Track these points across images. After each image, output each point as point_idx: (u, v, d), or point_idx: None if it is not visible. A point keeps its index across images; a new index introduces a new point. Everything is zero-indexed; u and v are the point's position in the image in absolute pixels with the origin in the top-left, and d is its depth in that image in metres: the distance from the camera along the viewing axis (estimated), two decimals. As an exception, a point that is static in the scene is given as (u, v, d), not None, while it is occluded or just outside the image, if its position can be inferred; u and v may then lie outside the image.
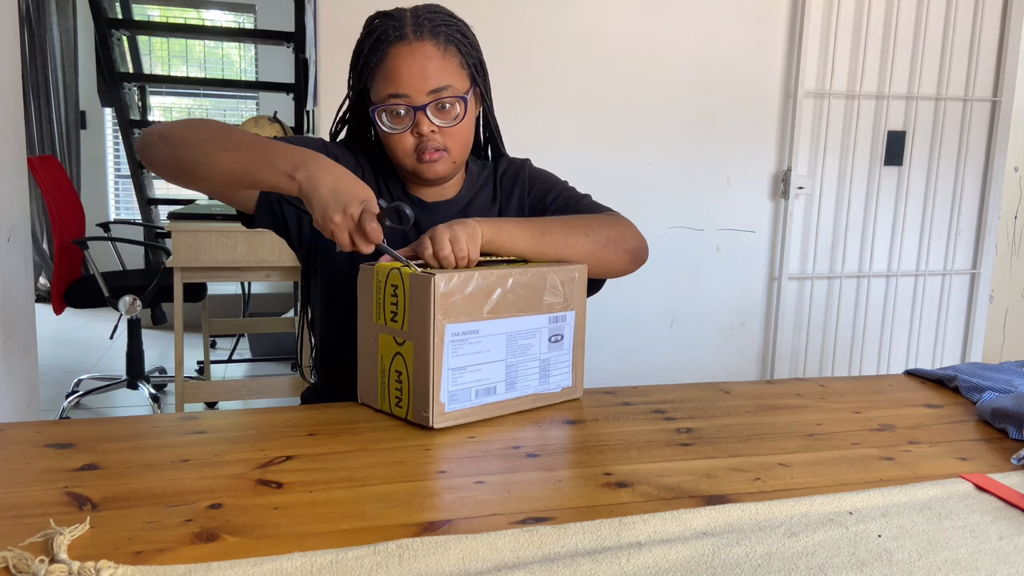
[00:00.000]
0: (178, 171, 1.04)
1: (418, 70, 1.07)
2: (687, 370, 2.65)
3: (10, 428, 0.92)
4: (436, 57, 1.08)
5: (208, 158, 1.00)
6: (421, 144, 1.11)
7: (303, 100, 3.74)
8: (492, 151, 1.30)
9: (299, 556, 0.64)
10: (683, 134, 2.52)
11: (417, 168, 1.13)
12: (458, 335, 0.95)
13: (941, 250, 2.81)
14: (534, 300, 1.01)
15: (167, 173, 1.06)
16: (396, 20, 1.10)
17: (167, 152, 1.04)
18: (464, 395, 0.97)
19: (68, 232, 3.18)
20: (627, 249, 1.15)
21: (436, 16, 1.11)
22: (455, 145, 1.13)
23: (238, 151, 0.99)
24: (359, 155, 1.22)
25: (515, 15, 2.33)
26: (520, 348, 1.01)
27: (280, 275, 2.78)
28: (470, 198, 1.24)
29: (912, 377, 1.29)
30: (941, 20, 2.66)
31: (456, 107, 1.11)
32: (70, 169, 5.35)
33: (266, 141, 1.02)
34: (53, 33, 5.16)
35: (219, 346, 4.44)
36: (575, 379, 1.09)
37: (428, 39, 1.08)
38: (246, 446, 0.88)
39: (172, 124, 1.06)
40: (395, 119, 1.11)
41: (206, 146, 1.01)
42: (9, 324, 1.95)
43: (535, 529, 0.70)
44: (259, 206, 1.14)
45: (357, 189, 0.93)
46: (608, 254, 1.13)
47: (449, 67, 1.10)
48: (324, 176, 0.94)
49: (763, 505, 0.76)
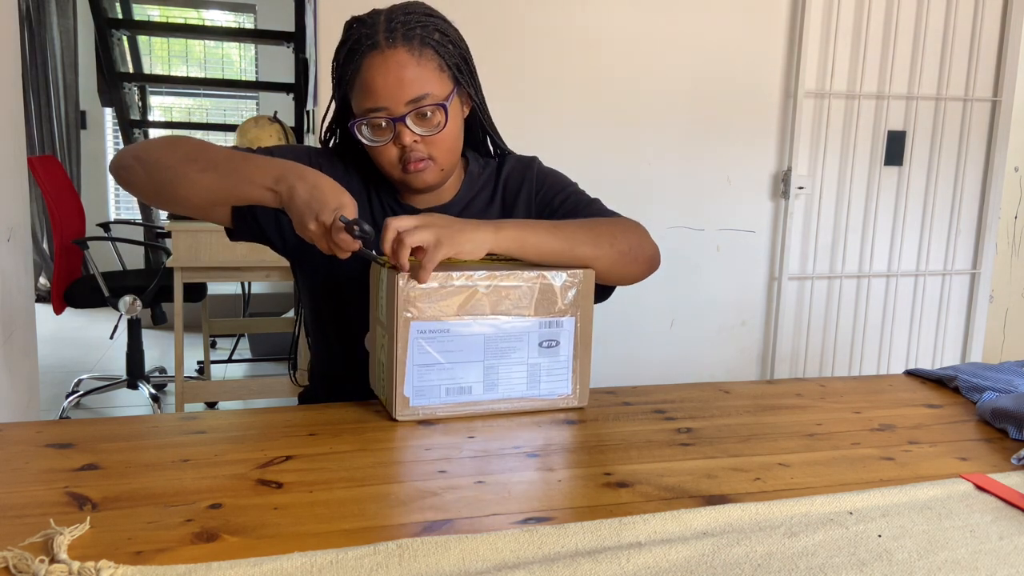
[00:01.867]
0: (155, 194, 1.03)
1: (393, 80, 1.03)
2: (687, 370, 2.65)
3: (10, 428, 0.92)
4: (411, 65, 1.04)
5: (186, 179, 0.99)
6: (405, 155, 1.08)
7: (303, 100, 3.74)
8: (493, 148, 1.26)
9: (299, 556, 0.64)
10: (683, 134, 2.52)
11: (404, 179, 1.10)
12: (425, 332, 0.95)
13: (941, 250, 2.81)
14: (521, 303, 0.99)
15: (144, 196, 1.05)
16: (368, 27, 1.05)
17: (143, 174, 1.02)
18: (433, 391, 0.98)
19: (68, 232, 3.18)
20: (646, 257, 1.13)
21: (410, 17, 1.06)
22: (440, 152, 1.09)
23: (216, 170, 0.98)
24: (348, 163, 1.19)
25: (514, 15, 2.33)
26: (502, 351, 0.99)
27: (280, 275, 2.78)
28: (468, 200, 1.20)
29: (912, 377, 1.29)
30: (941, 20, 2.66)
31: (437, 115, 1.07)
32: (70, 169, 5.35)
33: (241, 155, 1.00)
34: (53, 33, 5.16)
35: (219, 346, 4.44)
36: (577, 387, 1.05)
37: (401, 45, 1.04)
38: (246, 446, 0.88)
39: (146, 144, 1.05)
40: (376, 131, 1.08)
41: (182, 167, 1.00)
42: (9, 324, 1.95)
43: (535, 529, 0.70)
44: (235, 221, 1.10)
45: (330, 197, 0.92)
46: (629, 263, 1.10)
47: (426, 73, 1.05)
48: (300, 185, 0.94)
49: (763, 505, 0.76)
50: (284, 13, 4.50)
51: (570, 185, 1.24)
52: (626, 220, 1.14)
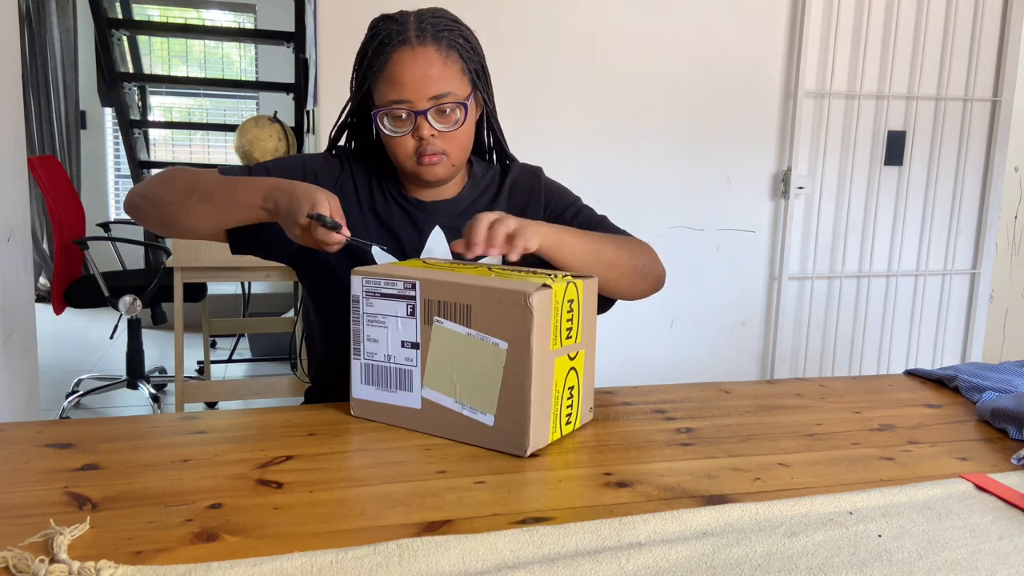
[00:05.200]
0: (164, 227, 1.12)
1: (420, 75, 1.09)
2: (687, 370, 2.65)
3: (10, 428, 0.92)
4: (438, 63, 1.10)
5: (187, 212, 1.08)
6: (421, 147, 1.12)
7: (303, 100, 3.74)
8: (498, 154, 1.30)
9: (299, 556, 0.64)
10: (683, 134, 2.52)
11: (417, 170, 1.15)
12: None
13: (941, 250, 2.81)
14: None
15: (157, 230, 1.13)
16: (400, 24, 1.11)
17: (152, 212, 1.11)
18: None
19: (68, 232, 3.18)
20: (655, 276, 1.21)
21: (439, 21, 1.12)
22: (454, 148, 1.14)
23: (211, 200, 1.06)
24: (351, 163, 1.23)
25: (514, 15, 2.33)
26: None
27: (280, 275, 2.78)
28: (472, 199, 1.24)
29: (912, 377, 1.29)
30: (941, 20, 2.66)
31: (456, 112, 1.12)
32: (70, 169, 5.35)
33: (231, 181, 1.07)
34: (53, 33, 5.15)
35: (219, 346, 4.44)
36: None
37: (431, 44, 1.09)
38: (246, 446, 0.88)
39: (148, 183, 1.13)
40: (397, 122, 1.12)
41: (182, 201, 1.08)
42: (9, 324, 1.95)
43: (535, 529, 0.70)
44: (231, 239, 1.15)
45: (303, 200, 0.99)
46: (640, 279, 1.17)
47: (450, 73, 1.11)
48: (280, 196, 1.01)
49: (763, 505, 0.76)
50: (284, 13, 4.50)
51: (577, 199, 1.31)
52: (639, 240, 1.22)
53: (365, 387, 0.98)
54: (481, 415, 0.90)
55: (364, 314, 0.96)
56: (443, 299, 0.91)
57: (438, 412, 0.93)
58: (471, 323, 0.89)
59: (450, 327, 0.91)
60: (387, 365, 0.96)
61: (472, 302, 0.89)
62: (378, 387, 0.97)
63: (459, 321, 0.90)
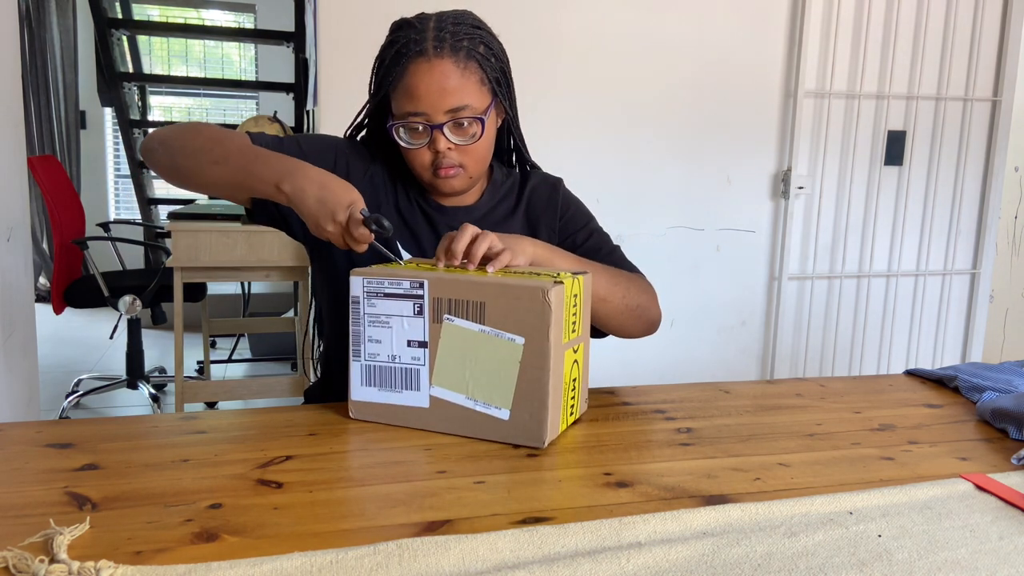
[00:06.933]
0: (177, 177, 1.08)
1: (436, 89, 1.06)
2: (687, 370, 2.65)
3: (10, 428, 0.92)
4: (455, 76, 1.07)
5: (201, 168, 1.04)
6: (437, 160, 1.11)
7: (303, 100, 3.74)
8: (518, 160, 1.29)
9: (299, 556, 0.64)
10: (683, 134, 2.52)
11: (433, 182, 1.13)
12: None
13: (941, 250, 2.81)
14: None
15: (168, 178, 1.10)
16: (418, 32, 1.08)
17: (167, 159, 1.07)
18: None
19: (68, 232, 3.18)
20: (648, 319, 1.19)
21: (459, 28, 1.09)
22: (471, 161, 1.12)
23: (226, 164, 1.02)
24: (376, 157, 1.21)
25: (514, 15, 2.33)
26: None
27: (280, 275, 2.77)
28: (492, 205, 1.23)
29: (912, 377, 1.29)
30: (941, 20, 2.66)
31: (473, 126, 1.10)
32: (70, 169, 5.35)
33: (254, 152, 1.03)
34: (53, 33, 5.15)
35: (219, 346, 4.44)
36: None
37: (448, 55, 1.06)
38: (246, 446, 0.88)
39: (170, 130, 1.09)
40: (413, 135, 1.10)
41: (199, 156, 1.04)
42: (9, 324, 1.95)
43: (535, 529, 0.70)
44: (254, 205, 1.14)
45: (342, 195, 0.95)
46: (631, 319, 1.16)
47: (468, 85, 1.08)
48: (309, 185, 0.96)
49: (763, 505, 0.76)
50: (284, 13, 4.49)
51: (593, 220, 1.29)
52: (643, 279, 1.20)
53: (366, 389, 0.97)
54: (496, 410, 0.90)
55: (365, 315, 0.96)
56: (454, 297, 0.91)
57: (448, 409, 0.93)
58: (485, 320, 0.89)
59: (461, 324, 0.91)
60: (391, 365, 0.95)
61: (487, 299, 0.89)
62: (381, 388, 0.96)
63: (472, 318, 0.90)
